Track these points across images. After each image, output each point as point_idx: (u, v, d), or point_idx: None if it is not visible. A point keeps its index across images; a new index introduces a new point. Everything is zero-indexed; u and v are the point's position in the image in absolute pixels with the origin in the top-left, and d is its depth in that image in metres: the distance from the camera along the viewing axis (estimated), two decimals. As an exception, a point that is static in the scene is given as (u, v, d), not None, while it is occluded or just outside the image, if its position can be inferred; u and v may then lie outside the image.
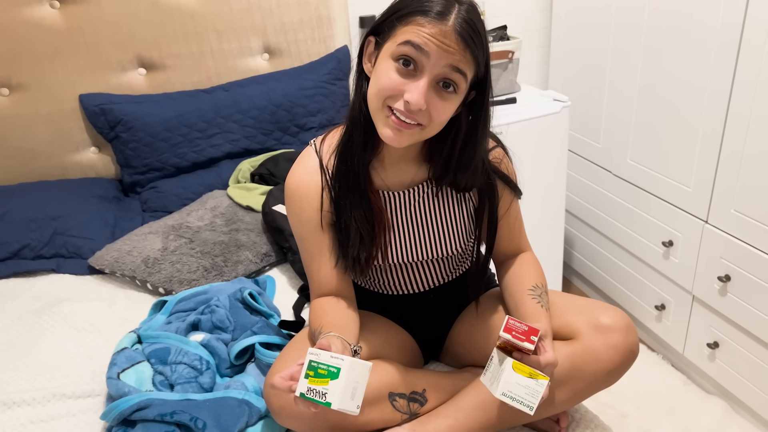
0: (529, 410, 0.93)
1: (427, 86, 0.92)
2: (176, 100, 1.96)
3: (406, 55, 0.92)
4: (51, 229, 1.69)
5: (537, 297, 1.08)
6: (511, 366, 0.93)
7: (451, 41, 0.91)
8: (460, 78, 0.94)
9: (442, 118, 0.97)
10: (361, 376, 0.89)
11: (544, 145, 2.03)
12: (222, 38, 2.02)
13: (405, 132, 0.96)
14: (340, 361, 0.86)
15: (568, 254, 2.56)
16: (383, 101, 0.96)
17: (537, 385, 0.93)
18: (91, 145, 2.00)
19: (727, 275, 1.77)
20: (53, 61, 1.88)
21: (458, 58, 0.92)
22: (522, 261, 1.19)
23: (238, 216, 1.73)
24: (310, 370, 0.87)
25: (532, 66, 2.55)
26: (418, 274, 1.21)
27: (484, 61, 0.96)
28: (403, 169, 1.12)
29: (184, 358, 1.19)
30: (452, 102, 0.96)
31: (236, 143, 1.98)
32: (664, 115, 1.90)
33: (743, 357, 1.79)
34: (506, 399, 0.94)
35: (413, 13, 0.93)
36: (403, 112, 0.94)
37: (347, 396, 0.87)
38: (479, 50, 0.93)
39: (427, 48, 0.91)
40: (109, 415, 1.07)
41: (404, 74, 0.93)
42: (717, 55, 1.67)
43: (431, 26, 0.91)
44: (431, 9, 0.92)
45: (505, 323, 0.95)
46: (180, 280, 1.52)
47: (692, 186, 1.85)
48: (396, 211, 1.14)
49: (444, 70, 0.92)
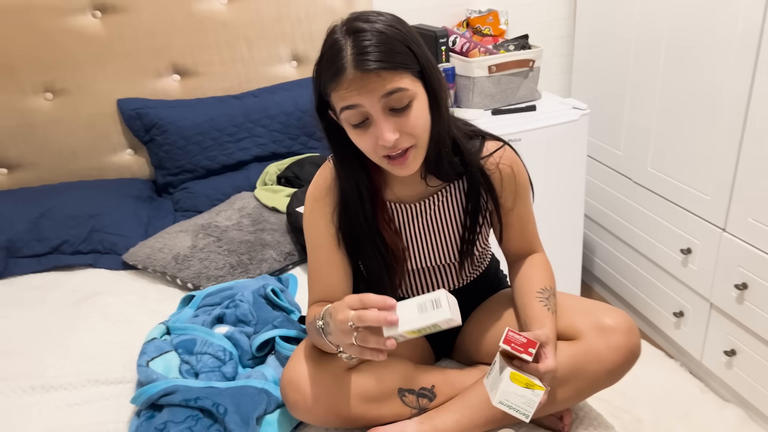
0: (525, 418, 0.98)
1: (384, 122, 0.94)
2: (208, 105, 2.05)
3: (352, 120, 0.96)
4: (89, 227, 1.79)
5: (545, 300, 1.11)
6: (509, 376, 0.97)
7: (363, 80, 0.91)
8: (400, 94, 0.94)
9: (419, 127, 0.98)
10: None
11: (563, 151, 2.06)
12: (252, 46, 2.11)
13: (406, 161, 1.00)
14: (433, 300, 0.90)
15: (589, 260, 2.58)
16: (377, 156, 1.00)
17: (533, 395, 0.96)
18: (127, 148, 2.11)
19: (744, 283, 1.78)
20: (94, 68, 1.99)
21: (381, 85, 0.92)
22: (532, 262, 1.21)
23: (264, 216, 1.80)
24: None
25: (556, 74, 2.58)
26: (432, 278, 1.25)
27: (410, 55, 0.95)
28: (412, 182, 1.14)
29: (208, 349, 1.26)
30: (416, 109, 0.97)
31: (264, 147, 2.06)
32: (684, 124, 1.92)
33: (760, 365, 1.79)
34: (503, 407, 0.98)
35: (327, 83, 0.94)
36: (392, 150, 0.98)
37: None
38: (390, 57, 0.92)
39: (356, 102, 0.93)
40: (138, 400, 1.15)
41: (365, 129, 0.97)
42: (735, 64, 1.69)
43: (344, 83, 0.92)
44: (333, 69, 0.92)
45: (505, 335, 0.99)
46: (207, 276, 1.60)
47: (710, 194, 1.86)
48: (409, 222, 1.18)
49: (382, 102, 0.93)
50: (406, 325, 0.90)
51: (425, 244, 1.20)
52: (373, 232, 1.13)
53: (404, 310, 0.91)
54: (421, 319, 0.89)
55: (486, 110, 2.08)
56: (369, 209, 1.11)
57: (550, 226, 2.13)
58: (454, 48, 2.12)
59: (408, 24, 0.99)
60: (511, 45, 2.10)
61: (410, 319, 0.90)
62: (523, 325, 1.13)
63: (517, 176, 1.16)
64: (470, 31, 2.27)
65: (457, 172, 1.12)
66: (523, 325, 1.13)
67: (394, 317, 0.89)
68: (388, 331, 0.90)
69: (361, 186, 1.10)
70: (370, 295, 0.91)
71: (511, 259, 1.26)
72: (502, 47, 2.11)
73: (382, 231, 1.13)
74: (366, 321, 0.89)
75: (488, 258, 1.33)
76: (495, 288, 1.34)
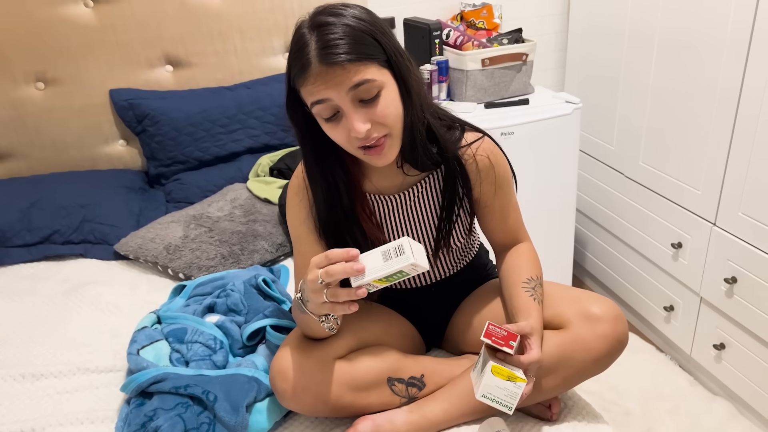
0: (508, 410, 0.99)
1: (354, 114, 0.95)
2: (201, 96, 2.05)
3: (323, 114, 0.96)
4: (80, 217, 1.79)
5: (531, 290, 1.12)
6: (491, 370, 0.98)
7: (329, 74, 0.92)
8: (368, 86, 0.94)
9: (390, 116, 0.98)
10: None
11: (555, 145, 2.07)
12: (246, 38, 2.11)
13: (382, 151, 1.00)
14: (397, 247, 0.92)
15: (581, 254, 2.59)
16: (353, 148, 1.00)
17: (515, 387, 0.98)
18: (119, 138, 2.10)
19: (734, 277, 1.79)
20: (86, 58, 1.98)
21: (347, 77, 0.92)
22: (518, 252, 1.21)
23: (256, 208, 1.80)
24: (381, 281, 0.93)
25: (549, 69, 2.59)
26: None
27: (375, 45, 0.95)
28: (391, 173, 1.14)
29: (199, 338, 1.26)
30: (384, 98, 0.97)
31: (257, 139, 2.06)
32: (676, 119, 1.93)
33: (749, 359, 1.81)
34: (486, 401, 0.99)
35: (295, 78, 0.95)
36: (365, 141, 0.98)
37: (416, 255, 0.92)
38: (355, 48, 0.92)
39: (324, 96, 0.93)
40: (128, 387, 1.15)
41: (337, 122, 0.97)
42: (727, 58, 1.70)
43: (310, 77, 0.92)
44: (299, 65, 0.93)
45: (486, 328, 1.00)
46: (199, 267, 1.60)
47: (701, 189, 1.87)
48: (390, 214, 1.18)
49: (351, 94, 0.94)
50: (372, 273, 0.91)
51: (406, 235, 1.19)
52: (353, 224, 1.12)
53: (369, 260, 0.92)
54: (386, 266, 0.90)
55: (479, 103, 2.09)
56: (347, 202, 1.11)
57: (542, 221, 2.14)
58: (448, 41, 2.12)
59: (375, 14, 1.00)
60: (504, 39, 2.11)
61: (376, 267, 0.91)
62: (510, 316, 1.13)
63: (495, 167, 1.15)
64: (464, 24, 2.28)
65: (434, 161, 1.11)
66: (510, 316, 1.13)
67: (360, 266, 0.90)
68: (355, 281, 0.91)
69: (338, 179, 1.10)
70: (334, 250, 0.92)
71: (496, 249, 1.27)
72: (495, 41, 2.11)
73: (362, 223, 1.13)
74: (334, 275, 0.90)
75: (475, 248, 1.34)
76: (483, 278, 1.35)
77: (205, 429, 1.07)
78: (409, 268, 0.91)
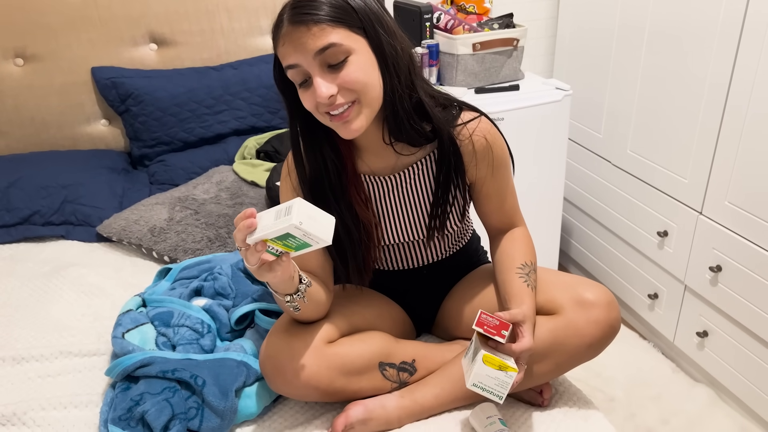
0: (498, 399, 0.99)
1: (318, 77, 0.94)
2: (186, 76, 2.00)
3: (296, 79, 0.97)
4: (61, 197, 1.74)
5: (524, 276, 1.11)
6: (482, 359, 0.97)
7: (296, 35, 0.93)
8: (334, 50, 0.93)
9: (357, 83, 0.96)
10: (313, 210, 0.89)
11: (545, 132, 2.06)
12: (233, 17, 2.06)
13: (350, 119, 0.98)
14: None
15: (566, 242, 2.60)
16: (321, 115, 0.99)
17: (506, 377, 0.97)
18: (101, 118, 2.05)
19: (719, 266, 1.81)
20: (67, 34, 1.92)
21: (313, 41, 0.92)
22: (513, 237, 1.20)
23: (243, 191, 1.77)
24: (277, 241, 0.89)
25: (538, 55, 2.58)
26: (411, 252, 1.25)
27: (348, 9, 0.94)
28: (382, 152, 1.12)
29: (186, 321, 1.24)
30: (352, 64, 0.95)
31: (243, 120, 2.02)
32: (665, 107, 1.94)
33: (731, 347, 1.83)
34: (477, 389, 0.99)
35: (274, 42, 0.97)
36: (331, 107, 0.97)
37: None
38: (321, 9, 0.93)
39: (293, 61, 0.94)
40: (113, 371, 1.12)
41: (308, 88, 0.97)
42: (717, 50, 1.70)
43: (281, 39, 0.95)
44: (275, 25, 0.96)
45: (478, 317, 1.00)
46: (185, 249, 1.57)
47: (688, 177, 1.88)
48: (383, 195, 1.16)
49: (318, 59, 0.93)
50: (262, 231, 0.87)
51: (399, 219, 1.18)
52: (344, 205, 1.11)
53: (265, 218, 0.88)
54: (274, 225, 0.86)
55: (469, 88, 2.07)
56: (336, 181, 1.09)
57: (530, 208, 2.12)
58: (438, 25, 2.09)
59: None
60: (495, 23, 2.09)
61: (267, 225, 0.87)
62: (503, 302, 1.12)
63: (493, 147, 1.12)
64: (455, 8, 2.25)
65: (425, 137, 1.09)
66: (503, 302, 1.12)
67: (249, 221, 0.87)
68: (250, 237, 0.88)
69: (326, 157, 1.08)
70: (239, 215, 0.89)
71: (491, 233, 1.25)
72: (486, 25, 2.09)
73: (354, 205, 1.12)
74: (236, 237, 0.89)
75: (469, 233, 1.33)
76: (475, 263, 1.34)
77: (193, 414, 1.06)
78: (297, 232, 0.85)
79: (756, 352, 1.74)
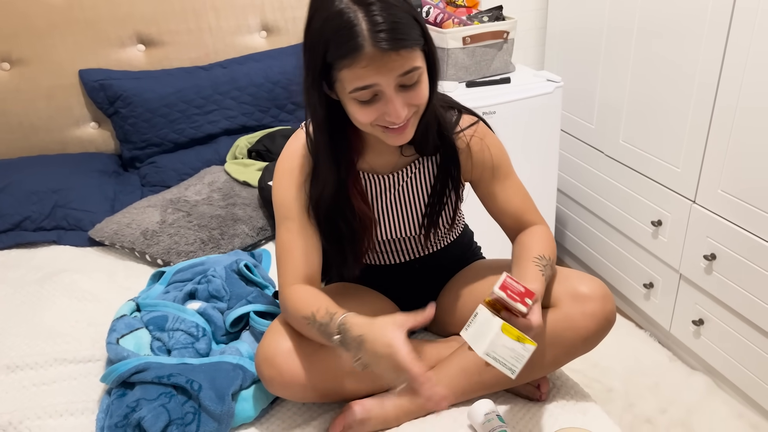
0: (512, 374, 0.92)
1: (395, 99, 0.93)
2: (174, 76, 1.98)
3: (363, 98, 0.93)
4: (52, 202, 1.73)
5: (541, 266, 1.08)
6: (500, 327, 0.91)
7: (384, 60, 0.89)
8: (414, 72, 0.93)
9: (425, 99, 0.98)
10: None
11: (537, 124, 2.06)
12: (220, 15, 2.05)
13: (406, 130, 0.99)
14: None
15: (560, 233, 2.60)
16: (371, 125, 0.98)
17: (523, 349, 0.91)
18: (90, 120, 2.03)
19: (713, 254, 1.81)
20: (53, 37, 1.90)
21: (400, 64, 0.90)
22: (532, 231, 1.18)
23: (235, 191, 1.76)
24: None
25: (529, 47, 2.57)
26: (403, 246, 1.25)
27: (419, 29, 0.93)
28: (388, 151, 1.13)
29: (181, 325, 1.23)
30: (423, 82, 0.96)
31: (234, 120, 2.01)
32: (656, 97, 1.93)
33: (727, 334, 1.84)
34: (490, 359, 0.91)
35: (338, 59, 0.90)
36: (394, 123, 0.96)
37: None
38: (409, 34, 0.90)
39: (373, 81, 0.90)
40: (108, 378, 1.12)
41: (371, 104, 0.94)
42: (708, 39, 1.70)
43: (359, 61, 0.88)
44: (347, 45, 0.88)
45: (503, 280, 0.93)
46: (178, 252, 1.56)
47: (681, 166, 1.88)
48: (381, 193, 1.16)
49: (398, 80, 0.92)
50: None
51: (394, 215, 1.18)
52: (343, 201, 1.10)
53: None
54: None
55: (460, 82, 2.06)
56: (343, 177, 1.09)
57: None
58: (428, 19, 2.08)
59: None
60: (485, 16, 2.08)
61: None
62: None
63: (491, 150, 1.15)
64: (444, 1, 2.24)
65: (435, 144, 1.11)
66: None
67: None
68: None
69: (340, 155, 1.07)
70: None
71: (509, 234, 1.23)
72: (476, 18, 2.08)
73: (352, 200, 1.11)
74: None
75: (460, 227, 1.33)
76: (469, 257, 1.34)
77: (190, 419, 1.05)
78: None
79: (751, 339, 1.75)
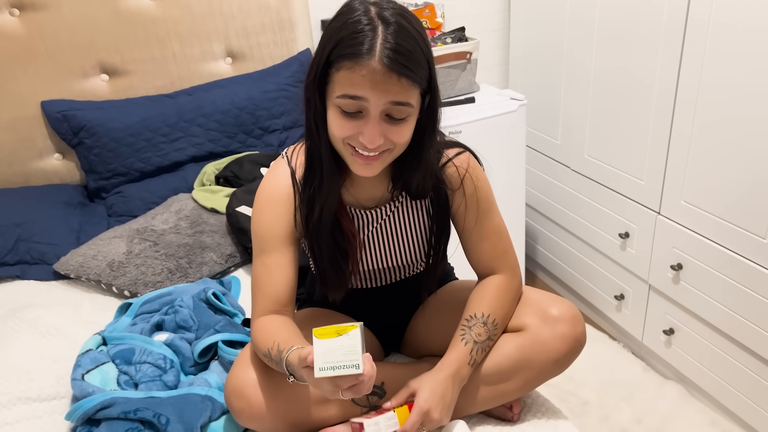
0: (356, 369, 0.83)
1: (376, 124, 0.92)
2: (139, 105, 1.97)
3: (347, 107, 0.92)
4: (15, 236, 1.69)
5: (465, 329, 1.09)
6: (315, 337, 0.84)
7: (383, 78, 0.88)
8: (405, 108, 0.92)
9: (404, 140, 0.97)
10: None
11: (503, 142, 2.08)
12: (184, 43, 2.04)
13: (374, 163, 0.97)
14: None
15: (532, 248, 2.63)
16: (342, 142, 0.97)
17: (349, 338, 0.83)
18: (54, 152, 2.00)
19: (680, 264, 1.84)
20: (13, 68, 1.88)
21: (396, 90, 0.89)
22: (483, 284, 1.17)
23: (203, 218, 1.75)
24: None
25: (493, 66, 2.61)
26: (380, 273, 1.24)
27: (427, 73, 0.94)
28: (374, 185, 1.12)
29: (148, 358, 1.21)
30: (409, 123, 0.95)
31: (200, 147, 2.00)
32: (617, 112, 1.97)
33: (697, 342, 1.86)
34: (326, 373, 0.83)
35: (342, 58, 0.89)
36: (365, 149, 0.95)
37: None
38: (417, 70, 0.90)
39: (363, 94, 0.89)
40: (73, 415, 1.09)
41: (352, 119, 0.93)
42: (663, 55, 1.74)
43: (360, 68, 0.88)
44: (355, 49, 0.88)
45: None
46: (145, 283, 1.54)
47: (645, 179, 1.92)
48: (365, 227, 1.16)
49: (387, 107, 0.91)
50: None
51: (377, 247, 1.18)
52: (332, 227, 1.09)
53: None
54: None
55: (426, 103, 2.08)
56: (333, 203, 1.07)
57: (493, 217, 2.15)
58: (392, 41, 2.10)
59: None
60: (448, 38, 2.11)
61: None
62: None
63: (476, 184, 1.14)
64: (407, 24, 2.27)
65: (427, 194, 1.11)
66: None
67: None
68: None
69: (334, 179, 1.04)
70: None
71: (477, 271, 1.22)
72: (439, 40, 2.11)
73: (340, 218, 1.10)
74: None
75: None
76: (443, 279, 1.34)
77: (158, 454, 1.03)
78: None
79: (721, 347, 1.78)
